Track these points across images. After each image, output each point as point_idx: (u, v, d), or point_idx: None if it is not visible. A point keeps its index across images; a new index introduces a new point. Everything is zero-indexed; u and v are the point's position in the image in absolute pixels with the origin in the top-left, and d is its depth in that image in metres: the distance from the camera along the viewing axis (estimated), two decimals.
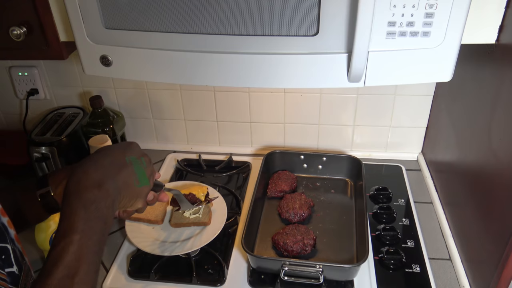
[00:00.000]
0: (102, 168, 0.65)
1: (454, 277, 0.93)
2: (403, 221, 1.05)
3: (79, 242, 0.56)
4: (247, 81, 0.76)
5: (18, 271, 0.61)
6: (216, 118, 1.30)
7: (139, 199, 0.71)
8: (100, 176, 0.63)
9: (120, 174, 0.66)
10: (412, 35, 0.68)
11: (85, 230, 0.58)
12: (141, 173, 0.70)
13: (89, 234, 0.58)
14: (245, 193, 1.16)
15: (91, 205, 0.60)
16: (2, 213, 0.62)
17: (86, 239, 0.57)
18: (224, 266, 0.94)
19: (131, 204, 0.70)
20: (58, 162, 1.14)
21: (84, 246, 0.57)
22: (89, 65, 0.80)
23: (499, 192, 0.78)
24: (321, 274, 0.85)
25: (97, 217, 0.60)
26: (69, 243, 0.56)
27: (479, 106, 0.88)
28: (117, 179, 0.65)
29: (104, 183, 0.62)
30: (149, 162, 0.73)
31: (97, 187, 0.61)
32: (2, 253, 0.59)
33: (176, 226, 1.01)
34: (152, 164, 0.75)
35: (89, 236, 0.58)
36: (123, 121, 1.26)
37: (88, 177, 0.62)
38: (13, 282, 0.59)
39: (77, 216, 0.58)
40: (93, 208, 0.60)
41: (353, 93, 1.20)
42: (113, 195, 0.63)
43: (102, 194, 0.61)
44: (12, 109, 1.36)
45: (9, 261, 0.60)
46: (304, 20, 0.68)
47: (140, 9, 0.72)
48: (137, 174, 0.69)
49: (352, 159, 1.15)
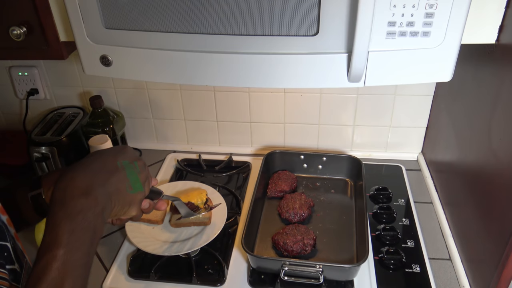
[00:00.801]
0: (91, 173, 0.61)
1: (454, 277, 0.93)
2: (403, 221, 1.05)
3: (63, 257, 0.52)
4: (247, 81, 0.76)
5: (19, 268, 0.61)
6: (216, 118, 1.30)
7: (133, 206, 0.67)
8: (88, 182, 0.59)
9: (111, 180, 0.62)
10: (412, 35, 0.68)
11: (70, 243, 0.54)
12: (134, 179, 0.66)
13: (75, 246, 0.54)
14: (245, 193, 1.16)
15: (77, 215, 0.56)
16: (2, 211, 0.62)
17: (72, 253, 0.53)
18: (224, 266, 0.94)
19: (124, 211, 0.66)
20: (58, 162, 1.14)
21: (69, 261, 0.53)
22: (89, 65, 0.80)
23: (499, 192, 0.78)
24: (321, 274, 0.85)
25: (84, 228, 0.56)
26: (52, 259, 0.52)
27: (479, 106, 0.88)
28: (107, 185, 0.61)
29: (92, 190, 0.59)
30: (143, 167, 0.69)
31: (84, 195, 0.57)
32: (4, 250, 0.59)
33: (176, 226, 1.01)
34: (147, 169, 0.71)
35: (75, 249, 0.54)
36: (123, 121, 1.26)
37: (75, 184, 0.58)
38: (15, 279, 0.59)
39: (61, 228, 0.54)
40: (79, 218, 0.56)
41: (353, 93, 1.20)
42: (102, 203, 0.59)
43: (90, 202, 0.57)
44: (12, 109, 1.36)
45: (10, 259, 0.60)
46: (304, 20, 0.68)
47: (140, 9, 0.72)
48: (130, 180, 0.65)
49: (352, 159, 1.15)
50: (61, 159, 1.15)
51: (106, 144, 0.95)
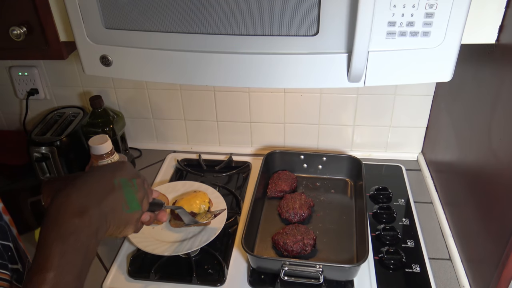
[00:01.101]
0: (87, 192, 0.59)
1: (454, 277, 0.93)
2: (403, 221, 1.05)
3: (53, 280, 0.50)
4: (247, 81, 0.76)
5: (22, 268, 0.61)
6: (216, 118, 1.30)
7: (129, 225, 0.65)
8: (83, 202, 0.57)
9: (106, 199, 0.60)
10: (412, 35, 0.68)
11: (61, 265, 0.52)
12: (131, 197, 0.64)
13: (66, 269, 0.52)
14: (245, 193, 1.16)
15: (69, 236, 0.54)
16: (4, 212, 0.62)
17: (62, 276, 0.52)
18: (224, 266, 0.94)
19: (120, 231, 0.64)
20: (58, 162, 1.14)
21: (59, 284, 0.51)
22: (89, 65, 0.80)
23: (499, 192, 0.78)
24: (321, 274, 0.85)
25: (76, 249, 0.54)
26: (42, 281, 0.50)
27: (479, 106, 0.88)
28: (103, 205, 0.59)
29: (87, 210, 0.57)
30: (141, 185, 0.67)
31: (78, 215, 0.56)
32: (7, 250, 0.59)
33: (176, 226, 1.01)
34: (146, 186, 0.69)
35: (66, 272, 0.52)
36: (123, 121, 1.26)
37: (69, 203, 0.56)
38: (18, 279, 0.59)
39: (53, 250, 0.52)
40: (72, 239, 0.54)
41: (353, 93, 1.20)
42: (97, 223, 0.58)
43: (84, 222, 0.56)
44: (12, 109, 1.36)
45: (13, 259, 0.60)
46: (304, 20, 0.68)
47: (140, 9, 0.72)
48: (127, 199, 0.63)
49: (352, 159, 1.15)
50: (61, 159, 1.15)
51: (106, 144, 0.94)
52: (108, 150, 0.96)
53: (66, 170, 1.17)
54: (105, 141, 0.95)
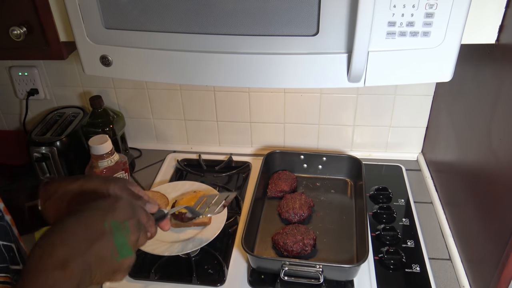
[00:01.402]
0: (72, 240, 0.54)
1: (454, 277, 0.93)
2: (403, 221, 1.05)
3: None
4: (247, 81, 0.76)
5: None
6: (216, 118, 1.30)
7: (118, 273, 0.59)
8: (66, 252, 0.52)
9: (93, 247, 0.54)
10: (412, 35, 0.68)
11: None
12: (122, 242, 0.57)
13: None
14: (245, 193, 1.16)
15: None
16: (6, 212, 0.62)
17: None
18: (224, 266, 0.94)
19: (108, 278, 0.58)
20: (58, 162, 1.14)
21: None
22: (89, 65, 0.80)
23: (499, 192, 0.78)
24: (321, 274, 0.85)
25: None
26: None
27: (479, 106, 0.88)
28: (88, 254, 0.54)
29: (70, 261, 0.52)
30: (135, 226, 0.60)
31: (60, 267, 0.51)
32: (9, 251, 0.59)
33: (176, 226, 1.01)
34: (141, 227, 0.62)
35: None
36: (123, 121, 1.26)
37: (52, 252, 0.52)
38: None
39: None
40: None
41: (353, 93, 1.20)
42: (79, 276, 0.52)
43: (65, 275, 0.51)
44: (12, 109, 1.36)
45: (15, 259, 0.60)
46: (304, 20, 0.68)
47: (140, 9, 0.72)
48: (116, 245, 0.56)
49: (352, 159, 1.15)
50: (61, 159, 1.14)
51: (106, 144, 0.94)
52: (108, 150, 0.96)
53: (66, 170, 1.17)
54: (105, 141, 0.95)
